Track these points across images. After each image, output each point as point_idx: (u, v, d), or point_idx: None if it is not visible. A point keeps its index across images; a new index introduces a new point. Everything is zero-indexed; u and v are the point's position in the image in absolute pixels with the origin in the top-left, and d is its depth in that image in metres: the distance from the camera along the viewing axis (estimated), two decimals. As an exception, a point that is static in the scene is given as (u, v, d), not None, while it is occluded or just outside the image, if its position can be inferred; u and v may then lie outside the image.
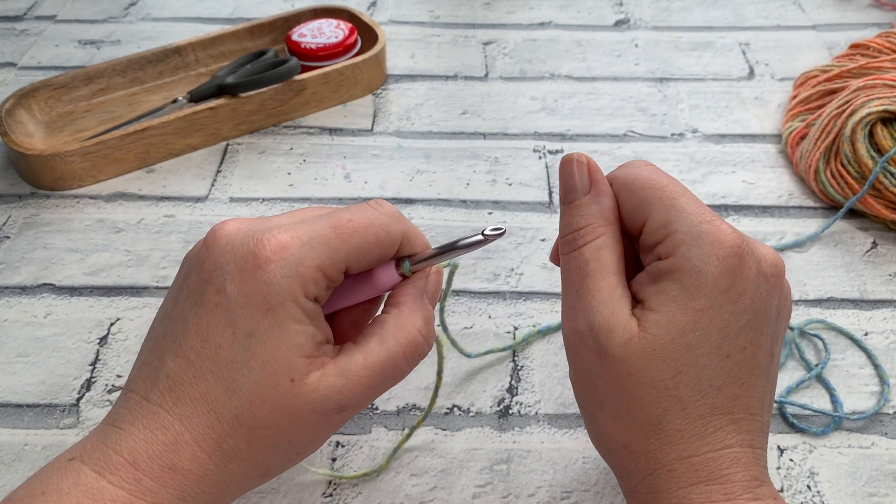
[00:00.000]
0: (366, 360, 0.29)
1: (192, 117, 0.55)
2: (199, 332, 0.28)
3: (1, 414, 0.41)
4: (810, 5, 0.74)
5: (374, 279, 0.31)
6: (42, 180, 0.53)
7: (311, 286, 0.28)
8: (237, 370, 0.28)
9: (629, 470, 0.30)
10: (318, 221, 0.29)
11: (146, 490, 0.27)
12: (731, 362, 0.29)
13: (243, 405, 0.28)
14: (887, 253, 0.50)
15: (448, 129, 0.60)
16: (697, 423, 0.28)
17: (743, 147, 0.58)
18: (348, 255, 0.29)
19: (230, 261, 0.28)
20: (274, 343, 0.28)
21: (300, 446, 0.30)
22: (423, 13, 0.73)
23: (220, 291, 0.28)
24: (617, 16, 0.73)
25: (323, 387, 0.28)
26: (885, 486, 0.38)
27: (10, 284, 0.47)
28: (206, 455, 0.28)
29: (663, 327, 0.28)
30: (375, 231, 0.29)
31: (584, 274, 0.30)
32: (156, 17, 0.72)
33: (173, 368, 0.28)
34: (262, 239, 0.28)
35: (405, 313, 0.31)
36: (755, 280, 0.29)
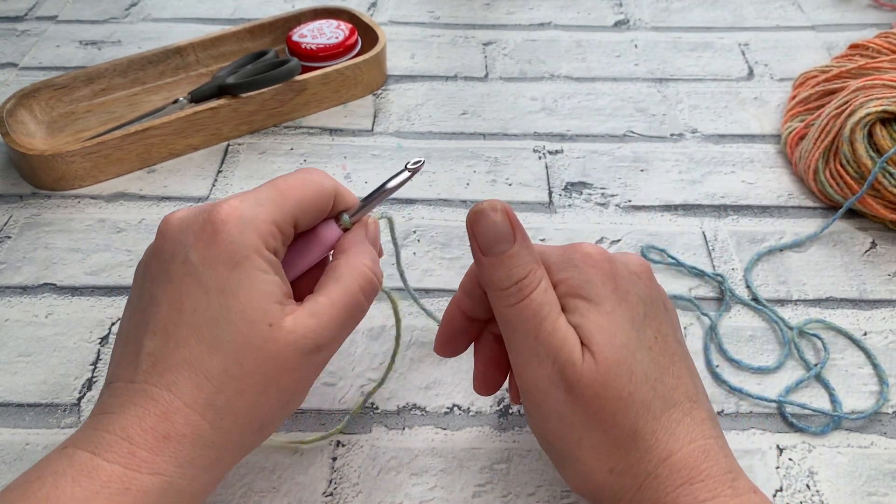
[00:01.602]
0: (329, 300, 0.31)
1: (192, 118, 0.56)
2: (171, 305, 0.29)
3: (2, 413, 0.41)
4: (809, 6, 0.74)
5: (319, 236, 0.34)
6: (43, 180, 0.53)
7: (269, 239, 0.30)
8: (217, 326, 0.29)
9: (617, 495, 0.30)
10: (260, 188, 0.32)
11: (142, 462, 0.27)
12: (653, 353, 0.31)
13: (229, 358, 0.29)
14: (886, 253, 0.50)
15: (448, 129, 0.60)
16: (662, 420, 0.30)
17: (742, 147, 0.58)
18: (294, 208, 0.32)
19: (188, 234, 0.30)
20: (246, 293, 0.29)
21: (288, 392, 0.31)
22: (423, 14, 0.73)
23: (185, 262, 0.30)
24: (617, 16, 0.73)
25: (299, 327, 0.30)
26: (885, 486, 0.38)
27: (12, 284, 0.48)
28: (199, 416, 0.28)
29: (601, 337, 0.30)
30: (311, 186, 0.32)
31: (541, 318, 0.30)
32: (156, 18, 0.72)
33: (152, 346, 0.29)
34: (215, 208, 0.30)
35: (353, 255, 0.33)
36: (630, 278, 0.31)
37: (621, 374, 0.29)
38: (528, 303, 0.30)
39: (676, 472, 0.29)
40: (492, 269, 0.31)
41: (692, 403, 0.31)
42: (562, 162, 0.57)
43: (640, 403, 0.29)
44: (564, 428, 0.30)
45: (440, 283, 0.48)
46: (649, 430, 0.29)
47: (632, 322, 0.31)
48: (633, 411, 0.29)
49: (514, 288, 0.30)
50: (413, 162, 0.35)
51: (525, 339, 0.31)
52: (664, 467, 0.29)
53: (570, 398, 0.30)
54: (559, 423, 0.30)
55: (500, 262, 0.31)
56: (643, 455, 0.29)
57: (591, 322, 0.30)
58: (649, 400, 0.30)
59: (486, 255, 0.31)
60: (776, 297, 0.47)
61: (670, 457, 0.29)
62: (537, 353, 0.30)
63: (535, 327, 0.30)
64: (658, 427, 0.30)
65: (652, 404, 0.30)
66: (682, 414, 0.30)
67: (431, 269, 0.49)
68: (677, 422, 0.30)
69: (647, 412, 0.30)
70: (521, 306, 0.30)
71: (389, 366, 0.41)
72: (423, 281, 0.48)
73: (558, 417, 0.30)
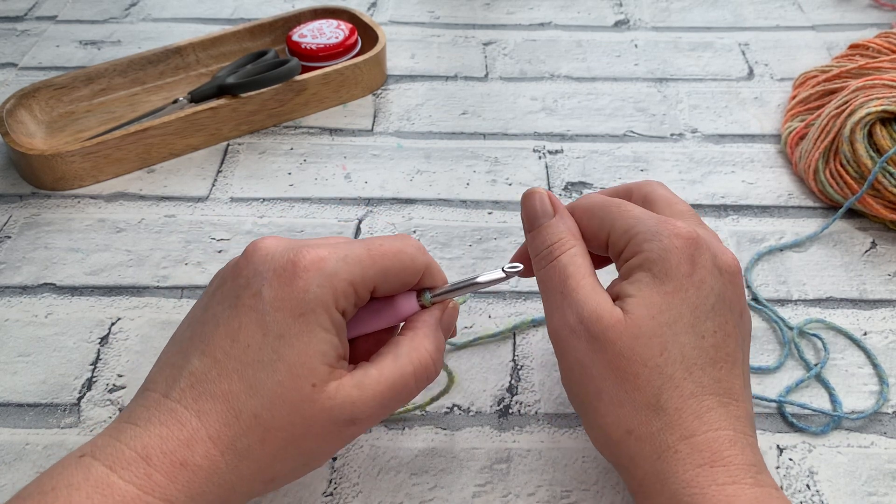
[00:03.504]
0: (380, 375, 0.31)
1: (192, 117, 0.56)
2: (229, 333, 0.29)
3: (2, 413, 0.41)
4: (810, 6, 0.74)
5: (395, 305, 0.33)
6: (43, 180, 0.53)
7: (342, 299, 0.30)
8: (262, 370, 0.29)
9: (636, 459, 0.31)
10: (353, 243, 0.32)
11: (156, 486, 0.27)
12: (706, 343, 0.31)
13: (263, 405, 0.28)
14: (886, 253, 0.50)
15: (448, 129, 0.60)
16: (691, 402, 0.30)
17: (742, 147, 0.58)
18: (377, 275, 0.31)
19: (269, 269, 0.30)
20: (302, 347, 0.29)
21: (309, 455, 0.30)
22: (423, 13, 0.73)
23: (256, 295, 0.29)
24: (617, 16, 0.73)
25: (340, 396, 0.29)
26: (884, 486, 0.38)
27: (11, 284, 0.48)
28: (219, 452, 0.28)
29: (643, 307, 0.31)
30: (403, 258, 0.32)
31: (565, 276, 0.32)
32: (156, 18, 0.72)
33: (197, 366, 0.29)
34: (302, 250, 0.30)
35: (419, 337, 0.33)
36: (712, 270, 0.32)
37: (652, 345, 0.30)
38: (556, 263, 0.33)
39: (698, 452, 0.29)
40: (532, 239, 0.35)
41: (732, 399, 0.31)
42: (562, 162, 0.57)
43: (668, 378, 0.30)
44: (586, 377, 0.31)
45: (440, 283, 0.48)
46: (674, 406, 0.30)
47: (692, 308, 0.31)
48: (658, 383, 0.30)
49: (545, 251, 0.34)
50: (510, 266, 0.34)
51: (553, 296, 0.33)
52: (685, 444, 0.29)
53: (592, 348, 0.31)
54: (581, 372, 0.32)
55: (538, 232, 0.35)
56: (664, 427, 0.30)
57: (643, 293, 0.31)
58: (680, 379, 0.30)
59: (530, 230, 0.35)
60: (776, 296, 0.47)
61: (693, 436, 0.30)
62: (561, 306, 0.32)
63: (561, 283, 0.32)
64: (684, 405, 0.30)
65: (683, 384, 0.30)
66: (717, 404, 0.30)
67: (431, 269, 0.49)
68: (709, 409, 0.30)
69: (675, 389, 0.30)
70: (549, 267, 0.33)
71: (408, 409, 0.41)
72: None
73: (580, 366, 0.32)
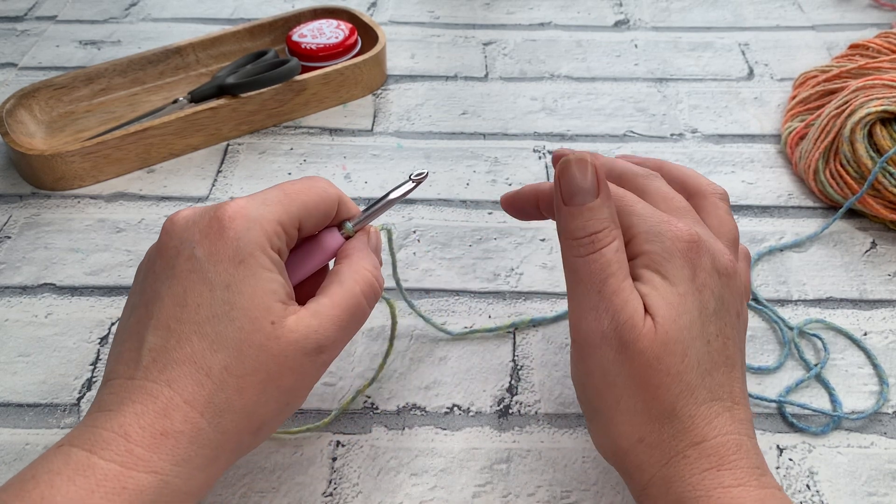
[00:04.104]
0: (332, 301, 0.31)
1: (192, 117, 0.56)
2: (175, 300, 0.29)
3: (2, 413, 0.41)
4: (810, 5, 0.74)
5: (322, 242, 0.35)
6: (43, 180, 0.53)
7: (274, 238, 0.31)
8: (220, 322, 0.29)
9: (643, 466, 0.31)
10: (267, 190, 0.33)
11: (138, 459, 0.27)
12: (711, 348, 0.31)
13: (231, 355, 0.29)
14: (886, 253, 0.50)
15: (448, 129, 0.60)
16: (703, 408, 0.30)
17: (742, 147, 0.58)
18: (299, 210, 0.32)
19: (195, 231, 0.30)
20: (251, 290, 0.29)
21: (288, 393, 0.31)
22: (423, 13, 0.73)
23: (190, 258, 0.30)
24: (617, 16, 0.73)
25: (301, 327, 0.30)
26: (885, 486, 0.38)
27: (11, 284, 0.48)
28: (198, 413, 0.28)
29: (667, 312, 0.30)
30: (317, 190, 0.33)
31: (608, 275, 0.30)
32: (156, 18, 0.72)
33: (154, 342, 0.29)
34: (222, 206, 0.31)
35: (355, 260, 0.34)
36: (712, 274, 0.31)
37: (676, 351, 0.30)
38: (598, 256, 0.30)
39: (706, 456, 0.29)
40: (570, 217, 0.31)
41: (735, 404, 0.31)
42: (562, 162, 0.57)
43: (685, 385, 0.30)
44: (606, 386, 0.31)
45: (440, 283, 0.48)
46: (688, 413, 0.30)
47: (700, 311, 0.31)
48: (677, 390, 0.30)
49: (586, 239, 0.31)
50: (417, 173, 0.35)
51: (588, 292, 0.31)
52: (694, 450, 0.30)
53: (620, 358, 0.30)
54: (602, 380, 0.31)
55: (580, 212, 0.31)
56: (676, 434, 0.30)
57: (661, 295, 0.30)
58: (695, 386, 0.30)
59: (567, 204, 0.31)
60: (776, 297, 0.47)
61: (702, 442, 0.30)
62: (597, 308, 0.30)
63: (601, 282, 0.30)
64: (697, 413, 0.30)
65: (697, 391, 0.30)
66: (723, 409, 0.30)
67: (431, 269, 0.49)
68: (717, 414, 0.30)
69: (690, 396, 0.30)
70: (591, 259, 0.31)
71: (381, 365, 0.42)
72: (423, 281, 0.48)
73: (602, 374, 0.31)
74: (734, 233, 0.34)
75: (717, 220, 0.34)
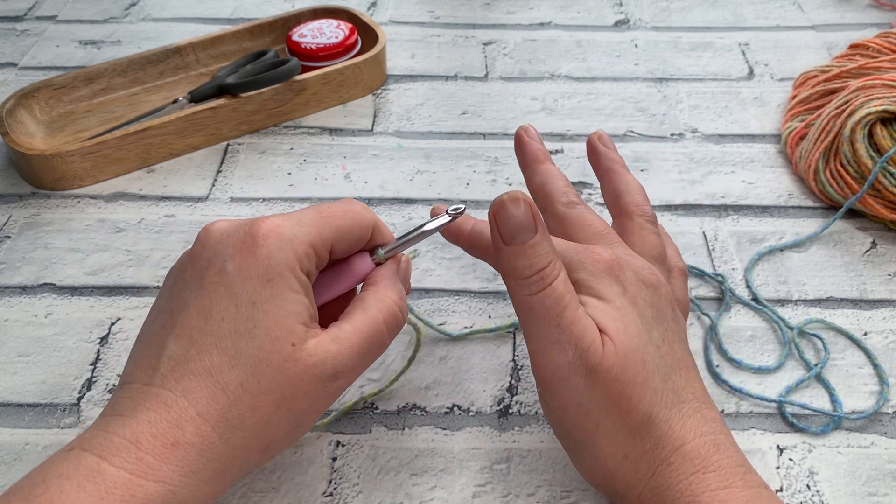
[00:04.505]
0: (353, 328, 0.31)
1: (192, 117, 0.56)
2: (200, 312, 0.29)
3: (2, 413, 0.41)
4: (810, 5, 0.74)
5: (352, 266, 0.35)
6: (43, 180, 0.53)
7: (305, 260, 0.31)
8: (241, 339, 0.29)
9: (631, 483, 0.31)
10: (303, 210, 0.33)
11: (148, 468, 0.27)
12: (661, 352, 0.32)
13: (248, 372, 0.29)
14: (886, 253, 0.50)
15: (448, 129, 0.60)
16: (674, 411, 0.31)
17: (742, 147, 0.58)
18: (333, 233, 0.32)
19: (228, 245, 0.30)
20: (275, 310, 0.29)
21: (299, 416, 0.31)
22: (423, 13, 0.73)
23: (220, 272, 0.30)
24: (617, 16, 0.73)
25: (320, 351, 0.30)
26: (885, 486, 0.38)
27: (11, 284, 0.48)
28: (210, 427, 0.28)
29: (615, 326, 0.31)
30: (353, 215, 0.33)
31: (563, 307, 0.31)
32: (156, 18, 0.72)
33: (175, 350, 0.29)
34: (257, 222, 0.31)
35: (381, 289, 0.34)
36: (637, 285, 0.33)
37: (636, 360, 0.30)
38: (550, 291, 0.31)
39: (689, 460, 0.30)
40: (514, 258, 0.31)
41: (700, 403, 0.32)
42: (562, 162, 0.57)
43: (654, 391, 0.30)
44: (582, 415, 0.31)
45: (440, 283, 0.48)
46: (663, 418, 0.30)
47: (641, 319, 0.32)
48: (648, 397, 0.30)
49: (535, 277, 0.31)
50: (453, 208, 0.35)
51: (546, 328, 0.31)
52: (677, 455, 0.30)
53: (590, 384, 0.30)
54: (577, 411, 0.31)
55: (523, 251, 0.31)
56: (657, 442, 0.30)
57: (605, 314, 0.31)
58: (661, 390, 0.31)
59: (509, 245, 0.31)
60: (776, 297, 0.47)
61: (683, 445, 0.30)
62: (559, 341, 0.31)
63: (558, 315, 0.31)
64: (671, 416, 0.30)
65: (664, 395, 0.31)
66: (692, 410, 0.31)
67: (431, 269, 0.49)
68: (688, 416, 0.31)
69: (661, 401, 0.30)
70: (543, 295, 0.31)
71: (393, 380, 0.42)
72: (423, 281, 0.48)
73: (576, 404, 0.31)
74: (657, 249, 0.36)
75: (641, 239, 0.36)
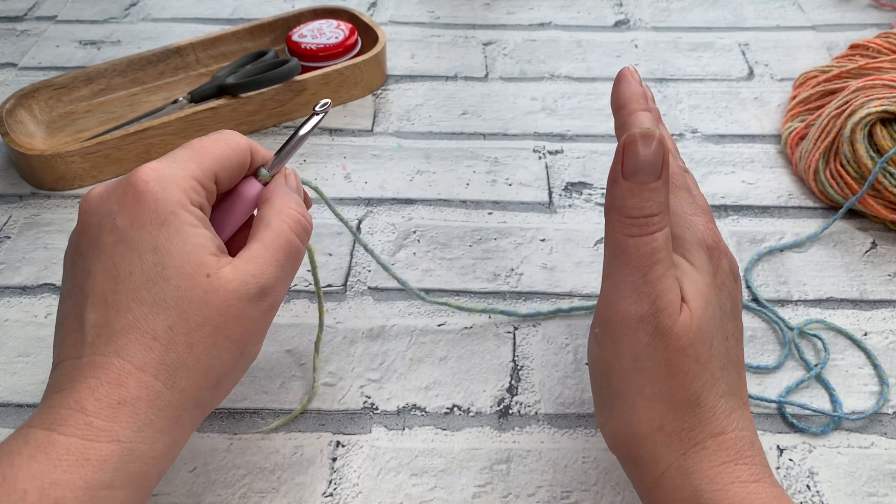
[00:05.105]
0: (263, 244, 0.31)
1: (192, 118, 0.56)
2: (107, 273, 0.29)
3: (1, 413, 0.41)
4: (810, 6, 0.74)
5: (241, 193, 0.34)
6: (43, 180, 0.53)
7: (192, 194, 0.31)
8: (155, 285, 0.29)
9: (659, 455, 0.30)
10: (176, 150, 0.32)
11: (98, 431, 0.27)
12: (728, 344, 0.31)
13: (172, 314, 0.29)
14: (887, 253, 0.50)
15: (448, 129, 0.60)
16: (723, 401, 0.30)
17: (742, 147, 0.58)
18: (213, 163, 0.32)
19: (111, 203, 0.30)
20: (179, 248, 0.29)
21: (240, 342, 0.31)
22: (423, 14, 0.73)
23: (112, 230, 0.30)
24: (617, 16, 0.73)
25: (238, 274, 0.30)
26: (885, 486, 0.38)
27: (11, 284, 0.48)
28: (152, 377, 0.28)
29: (699, 301, 0.30)
30: (226, 143, 0.33)
31: (656, 260, 0.30)
32: (156, 18, 0.72)
33: (95, 318, 0.29)
34: (134, 173, 0.30)
35: (277, 201, 0.33)
36: (727, 276, 0.32)
37: (706, 339, 0.30)
38: (650, 240, 0.29)
39: (724, 450, 0.30)
40: (628, 194, 0.29)
41: (744, 404, 0.31)
42: (562, 162, 0.57)
43: (710, 375, 0.30)
44: (634, 370, 0.30)
45: (440, 283, 0.48)
46: (710, 404, 0.30)
47: (721, 307, 0.31)
48: (703, 379, 0.30)
49: (642, 220, 0.29)
50: (321, 104, 0.35)
51: (632, 273, 0.30)
52: (713, 442, 0.30)
53: (653, 343, 0.29)
54: (630, 364, 0.30)
55: (640, 190, 0.29)
56: (697, 424, 0.30)
57: (693, 283, 0.30)
58: (717, 377, 0.30)
59: (627, 179, 0.29)
60: (776, 297, 0.47)
61: (721, 434, 0.30)
62: (639, 290, 0.29)
63: (648, 266, 0.29)
64: (718, 404, 0.30)
65: (718, 383, 0.30)
66: (738, 405, 0.31)
67: (431, 269, 0.49)
68: (734, 409, 0.30)
69: (713, 386, 0.30)
70: (642, 241, 0.29)
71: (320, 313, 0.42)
72: (423, 281, 0.48)
73: (632, 358, 0.30)
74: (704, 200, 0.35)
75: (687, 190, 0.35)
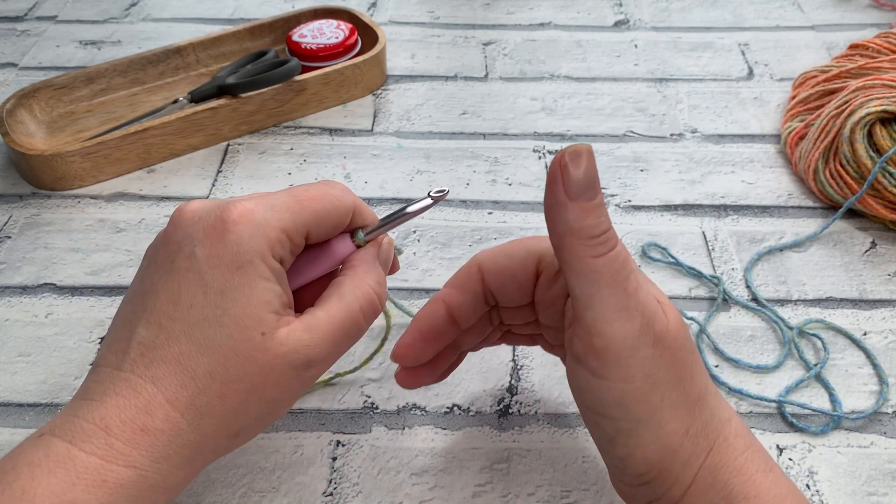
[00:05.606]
0: (328, 316, 0.31)
1: (192, 117, 0.56)
2: (169, 297, 0.29)
3: (2, 413, 0.41)
4: (809, 6, 0.74)
5: (331, 249, 0.34)
6: (43, 180, 0.53)
7: (277, 246, 0.30)
8: (209, 327, 0.29)
9: (690, 460, 0.29)
10: (279, 193, 0.32)
11: (118, 454, 0.27)
12: None
13: (216, 360, 0.28)
14: (886, 253, 0.50)
15: (448, 129, 0.60)
16: (712, 387, 0.31)
17: (742, 147, 0.58)
18: (308, 219, 0.31)
19: (199, 229, 0.30)
20: (244, 299, 0.29)
21: (271, 404, 0.30)
22: (423, 14, 0.73)
23: (189, 257, 0.29)
24: (617, 16, 0.73)
25: (292, 341, 0.29)
26: (884, 486, 0.38)
27: (12, 284, 0.48)
28: (179, 414, 0.28)
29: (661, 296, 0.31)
30: (330, 199, 0.32)
31: (628, 271, 0.29)
32: (156, 18, 0.72)
33: (144, 335, 0.29)
34: (229, 206, 0.30)
35: (360, 274, 0.33)
36: None
37: (687, 336, 0.30)
38: (616, 255, 0.29)
39: (739, 436, 0.30)
40: (582, 215, 0.29)
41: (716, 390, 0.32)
42: (562, 162, 0.57)
43: (701, 364, 0.31)
44: (650, 387, 0.29)
45: (440, 283, 0.48)
46: (712, 392, 0.30)
47: None
48: (702, 371, 0.30)
49: (603, 237, 0.29)
50: (436, 190, 0.34)
51: (614, 293, 0.29)
52: (729, 429, 0.30)
53: (657, 353, 0.29)
54: (645, 383, 0.29)
55: (592, 208, 0.29)
56: (711, 416, 0.30)
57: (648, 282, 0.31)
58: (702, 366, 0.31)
59: (574, 200, 0.29)
60: (776, 297, 0.47)
61: (731, 419, 0.30)
62: (627, 307, 0.28)
63: (624, 279, 0.29)
64: (713, 391, 0.31)
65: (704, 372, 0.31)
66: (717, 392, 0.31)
67: (431, 269, 0.49)
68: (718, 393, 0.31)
69: (706, 376, 0.31)
70: (610, 257, 0.29)
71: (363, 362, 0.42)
72: (424, 281, 0.48)
73: (644, 375, 0.29)
74: None
75: None
